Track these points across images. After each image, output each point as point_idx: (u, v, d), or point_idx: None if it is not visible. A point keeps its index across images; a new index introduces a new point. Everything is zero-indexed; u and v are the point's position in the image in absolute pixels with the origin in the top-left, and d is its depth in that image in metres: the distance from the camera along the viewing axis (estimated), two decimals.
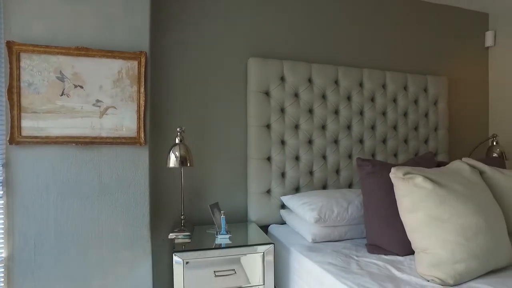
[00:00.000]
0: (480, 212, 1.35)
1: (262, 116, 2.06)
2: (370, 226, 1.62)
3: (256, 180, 2.04)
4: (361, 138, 2.33)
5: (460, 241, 1.29)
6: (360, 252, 1.61)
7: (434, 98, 2.58)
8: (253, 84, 2.05)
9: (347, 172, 2.26)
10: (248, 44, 2.16)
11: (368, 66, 2.45)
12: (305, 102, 2.16)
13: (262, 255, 1.64)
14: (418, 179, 1.39)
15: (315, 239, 1.74)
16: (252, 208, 2.06)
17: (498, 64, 2.93)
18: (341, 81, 2.25)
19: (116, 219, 1.69)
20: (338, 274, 1.36)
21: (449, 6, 2.81)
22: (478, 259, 1.28)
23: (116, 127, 1.68)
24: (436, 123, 2.59)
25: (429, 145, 2.58)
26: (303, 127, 2.15)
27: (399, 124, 2.44)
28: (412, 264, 1.44)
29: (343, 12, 2.41)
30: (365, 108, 2.33)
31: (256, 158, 2.04)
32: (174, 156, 1.74)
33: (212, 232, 1.83)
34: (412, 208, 1.39)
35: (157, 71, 1.98)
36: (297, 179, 2.13)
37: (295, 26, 2.28)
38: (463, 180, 1.47)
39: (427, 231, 1.34)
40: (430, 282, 1.28)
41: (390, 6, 2.57)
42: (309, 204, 1.80)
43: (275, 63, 2.09)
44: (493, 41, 2.94)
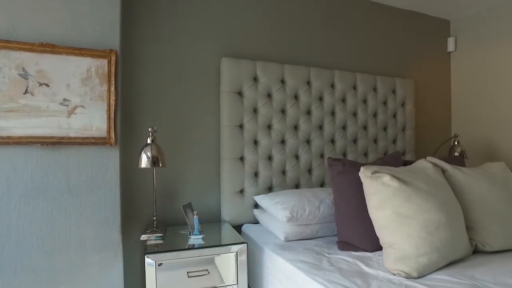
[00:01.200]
0: (442, 208, 1.43)
1: (235, 116, 2.06)
2: (341, 223, 1.67)
3: (229, 180, 2.05)
4: (333, 138, 2.39)
5: (423, 236, 1.36)
6: (331, 250, 1.66)
7: (401, 100, 2.69)
8: (226, 84, 2.06)
9: (319, 171, 2.31)
10: (221, 44, 2.16)
11: (339, 68, 2.52)
12: (278, 103, 2.18)
13: (235, 254, 1.64)
14: (385, 177, 1.45)
15: (288, 237, 1.77)
16: (225, 208, 2.06)
17: (459, 68, 3.10)
18: (313, 82, 2.30)
19: (85, 221, 1.64)
20: (309, 271, 1.39)
21: (415, 12, 2.94)
22: (439, 252, 1.35)
23: (85, 127, 1.63)
24: (403, 123, 2.70)
25: (397, 145, 2.68)
26: (275, 127, 2.18)
27: (369, 124, 2.52)
28: (380, 260, 1.49)
29: (315, 14, 2.46)
30: (337, 108, 2.39)
31: (229, 158, 2.05)
32: (145, 156, 1.71)
33: (185, 232, 1.82)
34: (379, 205, 1.44)
35: (128, 70, 1.93)
36: (270, 179, 2.15)
37: (268, 27, 2.30)
38: (426, 178, 1.55)
39: (394, 227, 1.40)
40: (396, 275, 1.34)
41: (360, 11, 2.65)
42: (282, 203, 1.82)
43: (248, 63, 2.10)
44: (454, 47, 3.10)
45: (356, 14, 2.63)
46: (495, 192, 1.67)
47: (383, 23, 2.77)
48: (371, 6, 2.71)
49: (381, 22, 2.76)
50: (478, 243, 1.58)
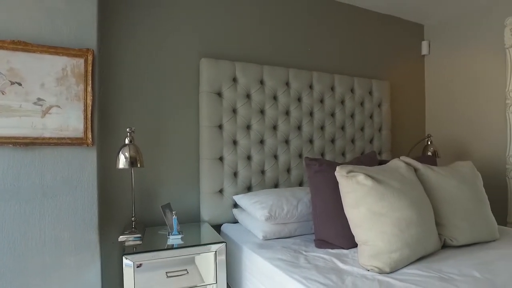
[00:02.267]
0: (413, 206, 1.49)
1: (214, 117, 2.07)
2: (318, 222, 1.71)
3: (208, 180, 2.06)
4: (311, 138, 2.43)
5: (395, 233, 1.41)
6: (309, 247, 1.69)
7: (378, 101, 2.76)
8: (205, 84, 2.06)
9: (297, 171, 2.35)
10: (200, 44, 2.17)
11: (317, 69, 2.57)
12: (257, 103, 2.21)
13: (214, 254, 1.65)
14: (360, 176, 1.49)
15: (266, 236, 1.80)
16: (204, 208, 2.07)
17: (432, 71, 3.21)
18: (292, 83, 2.34)
19: (61, 223, 1.61)
20: (287, 269, 1.42)
21: (391, 16, 3.03)
22: (410, 247, 1.41)
23: (61, 127, 1.60)
24: (380, 124, 2.78)
25: (374, 145, 2.76)
26: (254, 128, 2.20)
27: (346, 124, 2.58)
28: (355, 256, 1.54)
29: (294, 16, 2.50)
30: (315, 109, 2.43)
31: (208, 158, 2.05)
32: (123, 157, 1.70)
33: (164, 233, 1.81)
34: (355, 204, 1.49)
35: (106, 69, 1.91)
36: (249, 179, 2.17)
37: (247, 28, 2.32)
38: (399, 177, 1.60)
39: (368, 225, 1.45)
40: (369, 271, 1.38)
41: (338, 14, 2.71)
42: (260, 202, 1.85)
43: (227, 64, 2.12)
44: (428, 50, 3.21)
45: (334, 17, 2.69)
46: (462, 190, 1.75)
47: (360, 26, 2.84)
48: (349, 9, 2.77)
49: (359, 25, 2.83)
50: (446, 238, 1.65)
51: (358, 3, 2.76)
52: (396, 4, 2.79)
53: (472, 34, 2.85)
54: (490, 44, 2.72)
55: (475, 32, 2.84)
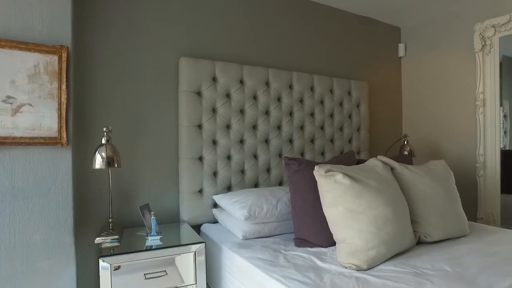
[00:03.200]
0: (389, 204, 1.52)
1: (194, 116, 2.05)
2: (297, 221, 1.72)
3: (187, 180, 2.04)
4: (291, 138, 2.45)
5: (372, 230, 1.44)
6: (288, 246, 1.70)
7: (356, 101, 2.81)
8: (184, 84, 2.04)
9: (277, 170, 2.36)
10: (179, 43, 2.14)
11: (297, 69, 2.59)
12: (237, 103, 2.20)
13: (194, 254, 1.64)
14: (338, 176, 1.52)
15: (246, 236, 1.80)
16: (184, 208, 2.05)
17: (409, 73, 3.30)
18: (272, 83, 2.35)
19: (33, 226, 1.55)
20: (266, 268, 1.42)
21: (369, 18, 3.09)
22: (386, 244, 1.44)
23: (33, 126, 1.54)
24: (358, 124, 2.83)
25: (352, 144, 2.80)
26: (234, 127, 2.19)
27: (326, 124, 2.62)
28: (334, 254, 1.56)
29: (274, 17, 2.51)
30: (295, 109, 2.45)
31: (188, 158, 2.03)
32: (100, 157, 1.66)
33: (143, 234, 1.78)
34: (333, 202, 1.51)
35: (82, 67, 1.86)
36: (229, 178, 2.16)
37: (228, 28, 2.31)
38: (376, 176, 1.64)
39: (346, 223, 1.47)
40: (347, 268, 1.41)
41: (318, 15, 2.74)
42: (240, 202, 1.84)
43: (207, 63, 2.10)
44: (404, 52, 3.30)
45: (314, 18, 2.72)
46: (436, 188, 1.80)
47: (339, 28, 2.88)
48: (328, 10, 2.80)
49: (338, 27, 2.87)
50: (421, 234, 1.70)
51: (337, 5, 2.80)
52: (374, 6, 2.85)
53: (445, 38, 2.95)
54: (461, 48, 2.82)
55: (447, 36, 2.94)
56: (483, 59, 2.63)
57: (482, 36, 2.62)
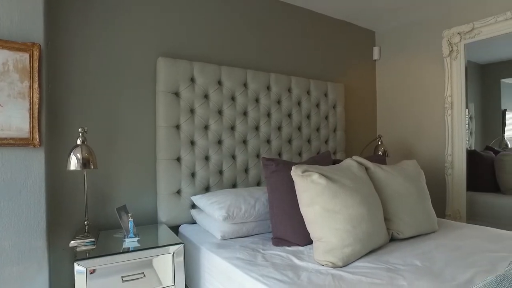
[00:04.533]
0: (364, 203, 1.58)
1: (172, 117, 2.04)
2: (275, 220, 1.75)
3: (165, 181, 2.02)
4: (268, 139, 2.48)
5: (348, 229, 1.49)
6: (266, 246, 1.73)
7: (333, 103, 2.88)
8: (162, 84, 2.03)
9: (255, 170, 2.38)
10: (157, 43, 2.12)
11: (275, 70, 2.62)
12: (215, 103, 2.21)
13: (172, 255, 1.63)
14: (314, 176, 1.55)
15: (224, 236, 1.81)
16: (162, 209, 2.03)
17: (383, 75, 3.41)
18: (250, 84, 2.37)
19: (2, 230, 1.50)
20: (245, 267, 1.44)
21: (346, 22, 3.17)
22: (361, 242, 1.50)
23: (2, 127, 1.49)
24: (335, 125, 2.90)
25: (329, 145, 2.87)
26: (212, 128, 2.20)
27: (303, 125, 2.66)
28: (311, 253, 1.59)
29: (253, 18, 2.53)
30: (272, 110, 2.48)
31: (165, 158, 2.02)
32: (75, 158, 1.62)
33: (120, 236, 1.75)
34: (309, 202, 1.55)
35: (55, 65, 1.80)
36: (207, 179, 2.17)
37: (206, 28, 2.31)
38: (352, 176, 1.69)
39: (322, 222, 1.51)
40: (324, 266, 1.45)
41: (295, 17, 2.78)
42: (218, 203, 1.85)
43: (185, 64, 2.09)
44: (379, 55, 3.41)
45: (291, 20, 2.76)
46: (407, 187, 1.88)
47: (317, 31, 2.94)
48: (306, 13, 2.85)
49: (315, 30, 2.93)
50: (394, 232, 1.77)
51: (315, 8, 2.85)
52: (350, 11, 2.92)
53: (417, 42, 3.07)
54: (431, 53, 2.94)
55: (419, 41, 3.06)
56: (451, 64, 2.76)
57: (449, 42, 2.75)
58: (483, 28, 2.56)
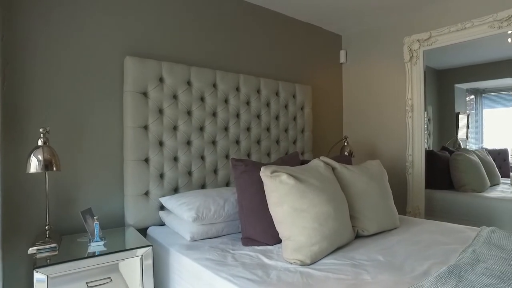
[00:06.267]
0: (330, 201, 1.63)
1: (139, 117, 2.00)
2: (244, 220, 1.77)
3: (133, 182, 1.98)
4: (238, 139, 2.49)
5: (315, 227, 1.53)
6: (236, 246, 1.74)
7: (301, 104, 2.94)
8: (129, 84, 1.98)
9: (224, 171, 2.39)
10: (125, 41, 2.07)
11: (244, 72, 2.64)
12: (184, 104, 2.19)
13: (140, 258, 1.61)
14: (283, 176, 1.59)
15: (194, 237, 1.80)
16: (129, 212, 1.99)
17: (349, 78, 3.53)
18: (219, 85, 2.37)
19: None
20: (214, 267, 1.45)
21: (314, 25, 3.25)
22: (328, 239, 1.55)
23: None
24: (302, 126, 2.96)
25: (297, 145, 2.93)
26: (181, 128, 2.18)
27: (271, 126, 2.70)
28: (280, 252, 1.63)
29: (222, 19, 2.53)
30: (241, 111, 2.50)
31: (133, 159, 1.98)
32: (36, 160, 1.55)
33: (84, 240, 1.70)
34: (278, 202, 1.58)
35: (12, 61, 1.71)
36: (176, 180, 2.15)
37: (176, 28, 2.29)
38: (319, 176, 1.75)
39: (290, 221, 1.55)
40: (292, 264, 1.48)
41: (265, 20, 2.81)
42: (187, 204, 1.84)
43: (154, 63, 2.06)
44: (345, 59, 3.52)
45: (260, 22, 2.79)
46: (372, 186, 1.97)
47: (286, 33, 2.99)
48: (275, 15, 2.90)
49: (284, 32, 2.98)
50: (359, 229, 1.85)
51: (283, 10, 2.90)
52: (317, 14, 3.00)
53: (381, 47, 3.22)
54: (394, 58, 3.09)
55: (382, 46, 3.20)
56: (411, 69, 2.92)
57: (410, 49, 2.90)
58: (439, 36, 2.73)
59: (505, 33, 2.40)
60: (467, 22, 2.54)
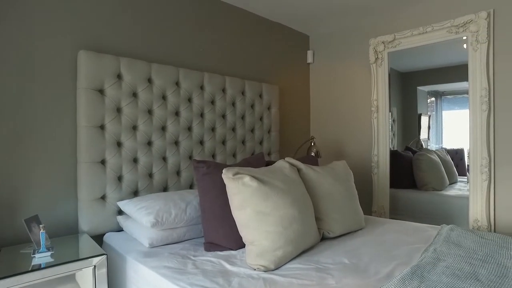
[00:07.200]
0: (295, 204, 1.59)
1: (95, 116, 1.87)
2: (206, 225, 1.69)
3: (87, 186, 1.84)
4: (202, 140, 2.40)
5: (279, 231, 1.49)
6: (198, 252, 1.66)
7: (267, 104, 2.90)
8: (83, 80, 1.84)
9: (187, 173, 2.29)
10: (78, 34, 1.92)
11: (209, 70, 2.55)
12: (144, 103, 2.08)
13: (93, 268, 1.49)
14: (246, 178, 1.53)
15: (153, 243, 1.70)
16: (83, 217, 1.85)
17: (316, 78, 3.54)
18: (182, 83, 2.27)
19: None
20: (173, 276, 1.36)
21: (282, 25, 3.22)
22: (292, 243, 1.50)
23: None
24: (269, 126, 2.92)
25: (263, 146, 2.88)
26: (141, 128, 2.06)
27: (237, 126, 2.64)
28: (243, 257, 1.57)
29: (187, 15, 2.43)
30: (206, 110, 2.41)
31: (88, 161, 1.84)
32: None
33: (28, 251, 1.54)
34: (241, 205, 1.52)
35: None
36: (136, 183, 2.03)
37: (136, 21, 2.16)
38: (283, 177, 1.70)
39: (254, 225, 1.49)
40: (256, 270, 1.43)
41: (232, 17, 2.74)
42: (146, 208, 1.74)
43: (111, 59, 1.93)
44: (312, 59, 3.53)
45: (227, 20, 2.72)
46: (337, 187, 1.95)
47: (253, 32, 2.94)
48: (242, 14, 2.83)
49: (251, 30, 2.92)
50: (324, 231, 1.82)
51: (251, 9, 2.84)
52: (285, 14, 2.97)
53: (348, 48, 3.24)
54: (360, 59, 3.13)
55: (349, 47, 3.23)
56: (377, 70, 2.96)
57: (375, 50, 2.94)
58: (402, 39, 2.79)
59: (461, 39, 2.50)
60: (428, 27, 2.61)
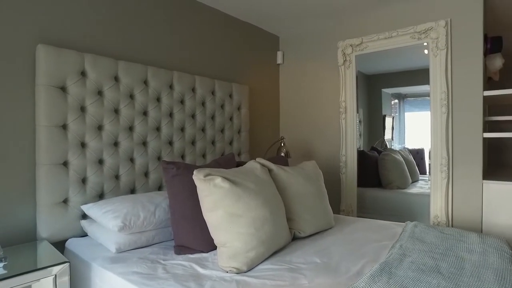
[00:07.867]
0: (267, 205, 1.59)
1: (56, 115, 1.76)
2: (177, 227, 1.65)
3: (48, 189, 1.73)
4: (171, 140, 2.34)
5: (251, 232, 1.48)
6: (168, 255, 1.61)
7: (238, 104, 2.88)
8: (43, 76, 1.73)
9: (156, 174, 2.22)
10: (37, 26, 1.80)
11: (178, 69, 2.50)
12: (110, 101, 1.99)
13: (54, 278, 1.40)
14: (217, 179, 1.50)
15: (120, 248, 1.63)
16: (42, 223, 1.73)
17: (286, 79, 3.57)
18: (151, 82, 2.20)
19: None
20: (142, 282, 1.31)
21: (252, 25, 3.21)
22: (264, 244, 1.50)
23: None
24: (239, 126, 2.91)
25: (233, 146, 2.86)
26: (107, 128, 1.97)
27: (207, 126, 2.60)
28: (215, 259, 1.54)
29: (157, 12, 2.36)
30: (175, 110, 2.36)
31: (48, 163, 1.73)
32: None
33: None
34: (212, 207, 1.49)
35: None
36: (101, 185, 1.94)
37: (100, 16, 2.06)
38: (255, 178, 1.69)
39: (226, 227, 1.47)
40: (228, 272, 1.41)
41: (202, 16, 2.69)
42: (113, 211, 1.66)
43: (74, 54, 1.83)
44: (282, 60, 3.55)
45: (197, 18, 2.67)
46: (308, 187, 1.97)
47: (223, 31, 2.90)
48: (212, 12, 2.79)
49: (221, 30, 2.89)
50: (296, 231, 1.83)
51: (221, 8, 2.81)
52: (255, 14, 2.96)
53: (317, 50, 3.30)
54: (329, 61, 3.19)
55: (318, 48, 3.28)
56: (345, 72, 3.04)
57: (343, 53, 3.02)
58: (369, 43, 2.88)
59: (423, 45, 2.63)
60: (393, 31, 2.71)
